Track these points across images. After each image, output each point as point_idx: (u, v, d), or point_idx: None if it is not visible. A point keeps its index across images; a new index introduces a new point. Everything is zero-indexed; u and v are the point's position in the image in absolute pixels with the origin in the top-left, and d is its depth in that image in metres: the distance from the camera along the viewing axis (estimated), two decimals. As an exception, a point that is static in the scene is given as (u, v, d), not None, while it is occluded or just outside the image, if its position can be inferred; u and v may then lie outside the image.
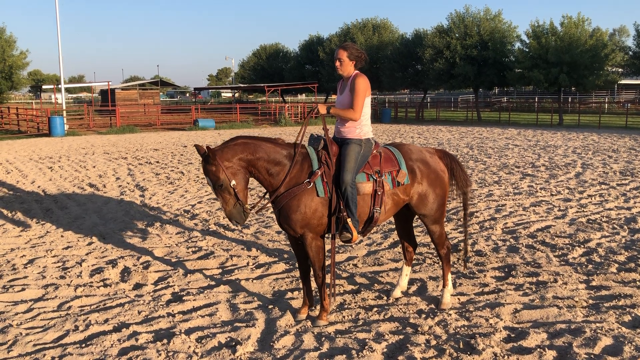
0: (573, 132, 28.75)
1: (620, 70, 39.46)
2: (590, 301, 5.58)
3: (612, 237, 7.95)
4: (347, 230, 5.01)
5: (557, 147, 21.04)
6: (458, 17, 40.73)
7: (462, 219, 6.30)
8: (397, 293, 5.84)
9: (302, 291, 5.54)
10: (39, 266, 6.99)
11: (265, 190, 5.12)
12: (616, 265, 6.67)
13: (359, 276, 6.50)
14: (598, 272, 6.45)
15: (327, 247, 7.15)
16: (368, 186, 5.16)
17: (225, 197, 4.76)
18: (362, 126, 5.18)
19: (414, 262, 6.97)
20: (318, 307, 5.36)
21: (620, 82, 53.27)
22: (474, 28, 39.46)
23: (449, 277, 5.68)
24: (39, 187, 12.79)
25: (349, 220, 5.00)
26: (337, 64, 5.14)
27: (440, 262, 5.84)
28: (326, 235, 5.25)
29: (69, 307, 5.66)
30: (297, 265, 5.44)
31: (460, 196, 6.00)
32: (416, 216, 5.71)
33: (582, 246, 7.50)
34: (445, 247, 5.68)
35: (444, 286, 5.65)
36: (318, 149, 5.10)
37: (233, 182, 4.73)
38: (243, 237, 8.33)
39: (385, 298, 5.80)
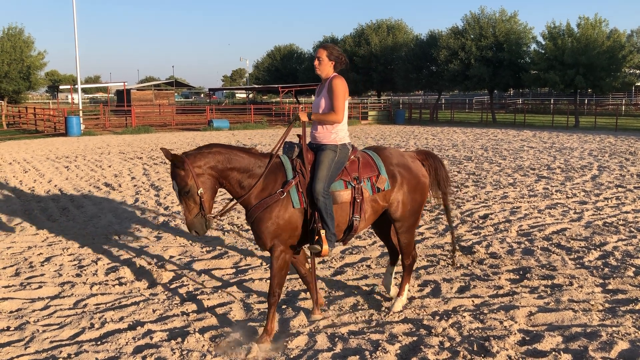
0: (589, 135, 28.47)
1: (638, 72, 39.03)
2: (607, 305, 5.53)
3: (629, 240, 7.86)
4: (318, 243, 4.72)
5: (573, 149, 20.85)
6: (473, 18, 40.52)
7: (447, 221, 6.08)
8: (392, 293, 5.76)
9: (309, 291, 5.47)
10: (56, 264, 7.07)
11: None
12: (633, 269, 6.60)
13: (372, 277, 6.50)
14: (614, 275, 6.38)
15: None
16: (346, 194, 4.93)
17: (189, 204, 4.51)
18: (337, 131, 4.93)
19: (427, 263, 6.95)
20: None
21: (638, 84, 52.67)
22: (489, 29, 39.25)
23: (407, 287, 5.58)
24: (55, 186, 12.93)
25: (322, 232, 4.73)
26: (316, 62, 4.96)
27: (402, 271, 5.64)
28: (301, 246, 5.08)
29: (85, 305, 5.72)
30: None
31: (440, 196, 5.82)
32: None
33: (598, 249, 7.43)
34: (410, 257, 5.54)
35: (398, 295, 5.55)
36: (292, 157, 4.87)
37: (200, 190, 4.50)
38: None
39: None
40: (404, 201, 5.24)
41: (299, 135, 5.04)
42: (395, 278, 5.88)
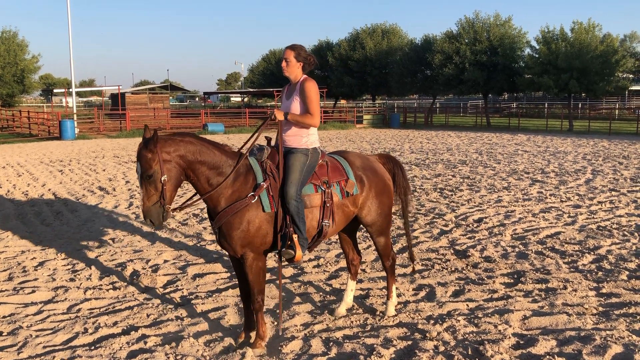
0: (583, 139, 28.60)
1: (631, 76, 39.35)
2: (600, 308, 5.54)
3: (623, 244, 7.90)
4: (291, 248, 4.61)
5: (567, 153, 20.94)
6: (468, 23, 40.72)
7: (405, 230, 5.93)
8: (341, 310, 5.50)
9: (243, 313, 5.08)
10: (49, 269, 7.04)
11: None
12: (627, 272, 6.62)
13: (367, 281, 6.49)
14: (608, 279, 6.40)
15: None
16: (316, 198, 4.83)
17: (149, 190, 4.25)
18: (308, 135, 4.84)
19: (422, 267, 6.96)
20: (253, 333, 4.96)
21: (631, 89, 52.98)
22: (483, 34, 39.44)
23: (394, 289, 5.54)
24: (49, 190, 12.89)
25: (295, 237, 4.62)
26: (284, 64, 4.85)
27: (385, 275, 5.60)
28: (270, 253, 4.88)
29: (79, 310, 5.69)
30: (237, 284, 5.04)
31: (399, 203, 5.71)
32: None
33: (592, 253, 7.45)
34: (390, 258, 5.48)
35: (388, 298, 5.51)
36: (262, 160, 4.70)
37: (164, 178, 4.24)
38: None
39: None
40: (373, 204, 5.20)
41: (267, 138, 4.93)
42: (352, 290, 5.65)
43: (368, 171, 5.23)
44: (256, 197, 4.53)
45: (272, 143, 4.96)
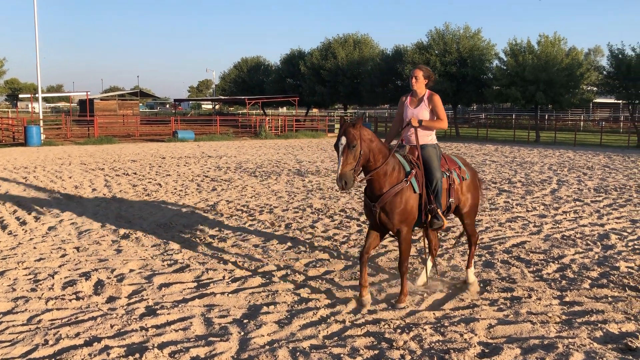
0: (549, 149, 29.20)
1: (595, 89, 40.32)
2: (564, 317, 5.64)
3: (586, 253, 8.06)
4: (437, 219, 5.93)
5: (533, 163, 21.34)
6: (438, 34, 41.26)
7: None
8: (421, 281, 6.66)
9: (360, 275, 5.95)
10: (9, 278, 6.85)
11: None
12: (589, 281, 6.76)
13: (336, 289, 6.49)
14: (571, 287, 6.53)
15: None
16: (444, 182, 6.11)
17: (348, 158, 5.38)
18: (432, 134, 6.22)
19: (388, 277, 6.98)
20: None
21: (595, 101, 54.40)
22: (453, 45, 40.02)
23: (473, 261, 6.79)
24: (13, 197, 12.56)
25: (439, 210, 5.94)
26: (413, 80, 6.16)
27: (469, 247, 6.76)
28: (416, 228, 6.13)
29: (39, 321, 5.54)
30: (365, 246, 5.99)
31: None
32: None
33: (557, 262, 7.59)
34: (476, 236, 6.81)
35: (467, 267, 6.62)
36: (404, 154, 5.99)
37: (361, 151, 5.44)
38: (219, 250, 8.27)
39: (361, 313, 5.79)
40: (472, 195, 6.49)
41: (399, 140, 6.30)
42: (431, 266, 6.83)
43: (468, 167, 6.60)
44: (408, 182, 5.75)
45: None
